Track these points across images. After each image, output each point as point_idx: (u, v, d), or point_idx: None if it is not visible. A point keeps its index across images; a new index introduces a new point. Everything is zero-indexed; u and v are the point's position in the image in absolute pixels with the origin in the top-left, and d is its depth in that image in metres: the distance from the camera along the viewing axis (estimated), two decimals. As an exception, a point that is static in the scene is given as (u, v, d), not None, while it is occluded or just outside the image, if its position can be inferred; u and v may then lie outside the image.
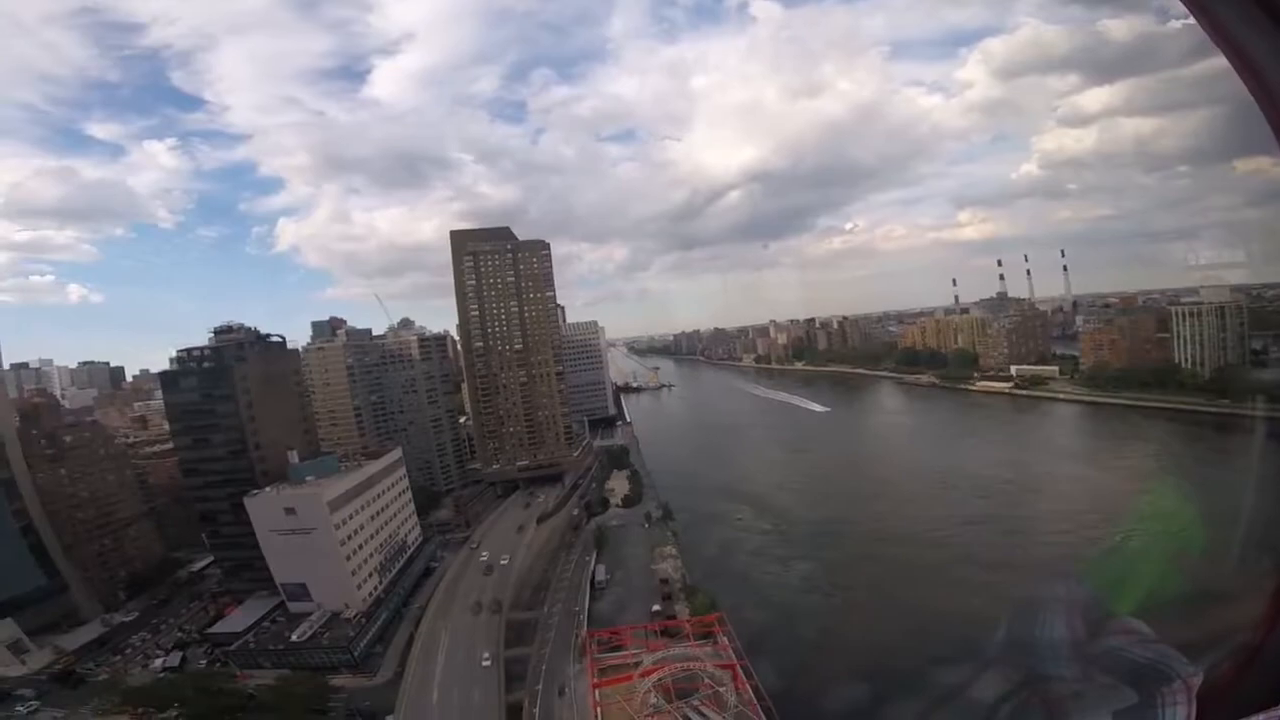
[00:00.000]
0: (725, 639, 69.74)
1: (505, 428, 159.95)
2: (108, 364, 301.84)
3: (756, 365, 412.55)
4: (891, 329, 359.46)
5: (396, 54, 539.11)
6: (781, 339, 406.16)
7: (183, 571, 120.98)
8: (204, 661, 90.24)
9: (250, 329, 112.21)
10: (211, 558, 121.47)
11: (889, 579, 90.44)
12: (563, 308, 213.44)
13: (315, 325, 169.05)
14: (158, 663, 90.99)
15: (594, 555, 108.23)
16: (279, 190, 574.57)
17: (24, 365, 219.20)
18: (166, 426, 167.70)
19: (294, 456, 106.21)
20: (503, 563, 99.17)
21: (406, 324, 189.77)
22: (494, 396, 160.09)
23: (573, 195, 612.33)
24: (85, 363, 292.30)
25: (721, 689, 61.19)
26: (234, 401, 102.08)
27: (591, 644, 74.20)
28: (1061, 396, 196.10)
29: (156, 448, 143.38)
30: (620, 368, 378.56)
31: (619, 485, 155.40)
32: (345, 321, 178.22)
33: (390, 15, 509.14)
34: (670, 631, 76.34)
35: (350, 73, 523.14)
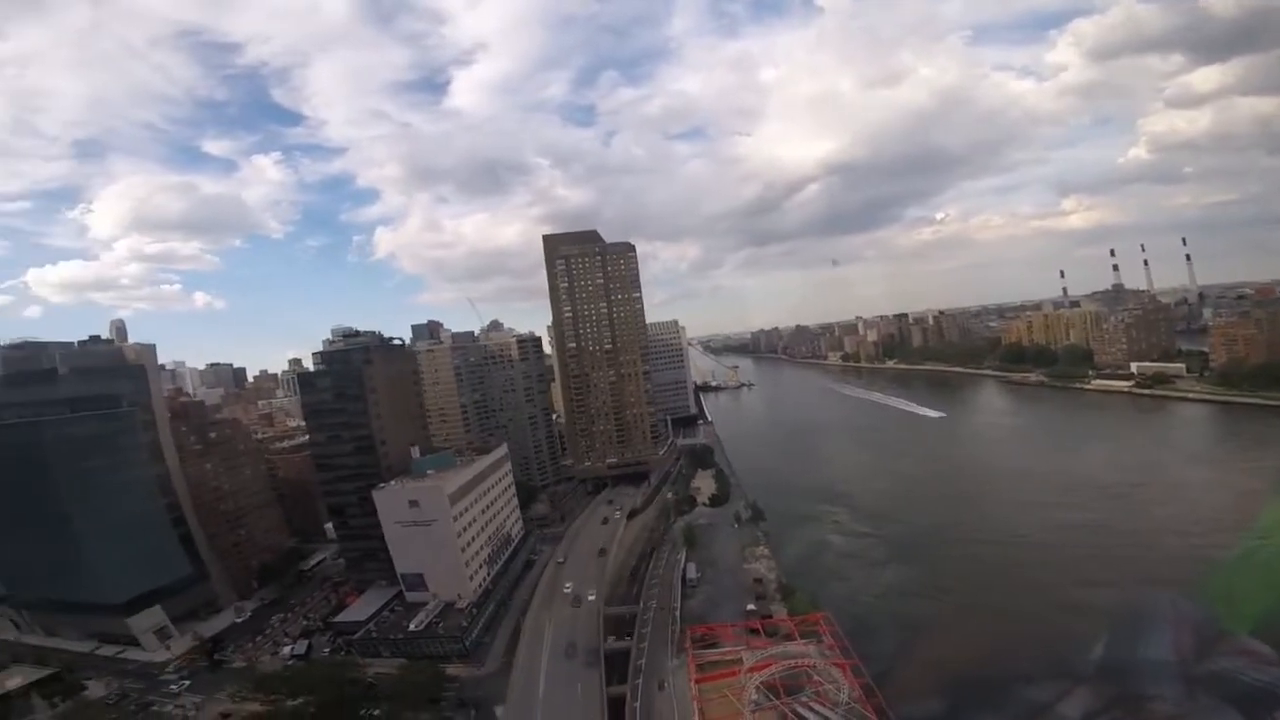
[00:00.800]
0: (831, 637, 69.01)
1: (596, 426, 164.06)
2: (231, 365, 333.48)
3: (843, 364, 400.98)
4: (992, 324, 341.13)
5: (471, 64, 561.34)
6: (871, 336, 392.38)
7: (303, 563, 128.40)
8: (327, 649, 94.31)
9: (375, 333, 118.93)
10: (324, 553, 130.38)
11: (1004, 587, 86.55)
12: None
13: (415, 328, 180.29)
14: (286, 650, 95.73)
15: (684, 554, 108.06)
16: (375, 200, 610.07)
17: (161, 367, 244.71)
18: (290, 423, 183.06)
19: (415, 452, 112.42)
20: (590, 598, 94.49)
21: (495, 326, 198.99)
22: (586, 395, 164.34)
23: (645, 195, 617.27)
24: (212, 364, 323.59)
25: (831, 686, 60.73)
26: (363, 401, 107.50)
27: (688, 640, 75.21)
28: (1191, 396, 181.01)
29: (285, 443, 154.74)
30: (699, 366, 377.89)
31: (705, 484, 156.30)
32: (441, 324, 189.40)
33: (461, 25, 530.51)
34: (769, 630, 76.21)
35: (431, 84, 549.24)
